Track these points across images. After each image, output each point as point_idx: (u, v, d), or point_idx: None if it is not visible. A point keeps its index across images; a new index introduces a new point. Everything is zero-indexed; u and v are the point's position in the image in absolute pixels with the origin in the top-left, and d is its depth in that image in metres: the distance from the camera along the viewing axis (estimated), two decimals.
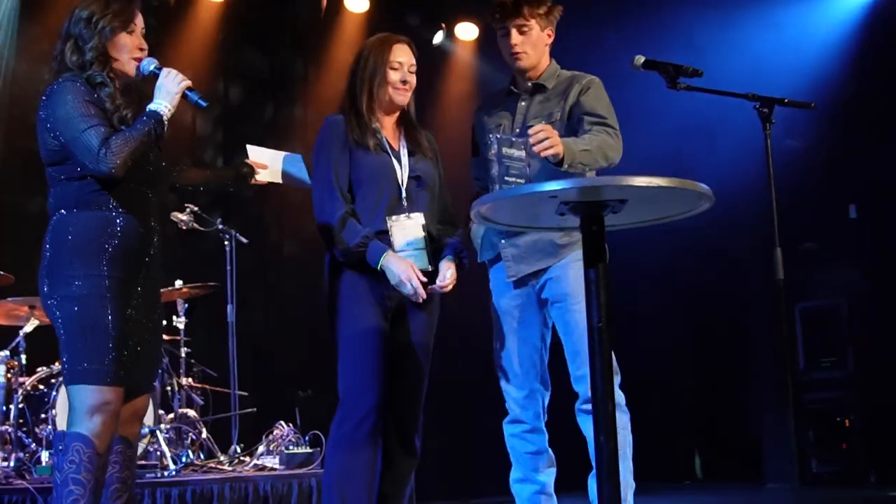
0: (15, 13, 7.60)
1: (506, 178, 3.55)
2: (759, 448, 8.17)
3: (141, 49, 3.71)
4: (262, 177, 4.17)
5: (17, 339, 6.08)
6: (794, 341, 7.75)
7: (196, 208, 6.60)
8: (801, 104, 3.82)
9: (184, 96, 3.69)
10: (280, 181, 4.25)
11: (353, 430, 3.87)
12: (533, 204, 3.06)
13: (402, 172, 4.05)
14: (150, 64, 3.72)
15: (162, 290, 6.43)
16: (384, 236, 3.96)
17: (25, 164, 7.72)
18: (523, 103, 4.22)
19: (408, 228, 3.98)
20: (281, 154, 4.28)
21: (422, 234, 4.00)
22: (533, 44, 4.17)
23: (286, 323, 8.56)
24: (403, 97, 4.13)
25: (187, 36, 8.43)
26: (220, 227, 6.73)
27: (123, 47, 3.65)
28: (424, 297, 3.88)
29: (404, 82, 4.11)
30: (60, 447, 3.38)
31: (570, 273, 4.05)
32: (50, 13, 7.73)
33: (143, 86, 3.78)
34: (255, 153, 4.22)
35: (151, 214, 3.66)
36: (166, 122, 3.60)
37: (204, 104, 3.74)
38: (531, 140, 3.66)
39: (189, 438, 6.40)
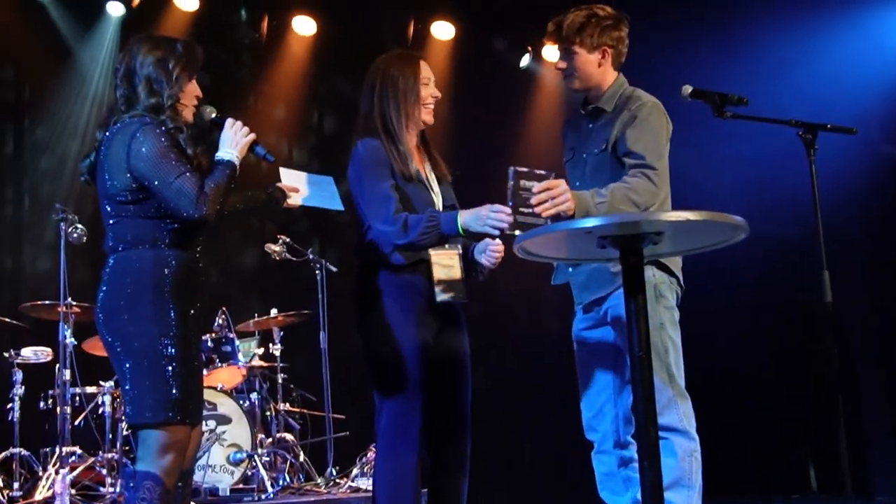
0: (115, 53, 7.94)
1: (521, 209, 3.58)
2: (868, 462, 8.05)
3: (198, 97, 3.74)
4: (294, 200, 4.18)
5: None
6: None
7: (288, 239, 6.83)
8: (844, 129, 3.84)
9: (250, 149, 3.75)
10: (313, 204, 4.28)
11: (399, 442, 3.89)
12: (572, 238, 3.17)
13: (438, 203, 4.05)
14: (211, 112, 3.78)
15: (258, 319, 6.84)
16: (423, 266, 3.96)
17: None
18: (589, 126, 4.15)
19: (446, 262, 4.01)
20: (312, 176, 4.33)
21: (459, 266, 4.03)
22: (578, 66, 4.06)
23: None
24: (430, 115, 4.07)
25: (281, 69, 8.72)
26: (311, 256, 6.94)
27: (187, 94, 3.68)
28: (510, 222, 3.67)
29: (433, 98, 4.07)
30: (132, 484, 3.46)
31: (615, 298, 4.08)
32: None
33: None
34: (288, 176, 4.24)
35: (198, 251, 3.71)
36: (237, 172, 3.66)
37: (272, 159, 3.79)
38: (533, 201, 3.61)
39: (287, 462, 6.62)
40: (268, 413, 6.80)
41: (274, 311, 6.92)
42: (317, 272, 6.94)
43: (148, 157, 3.48)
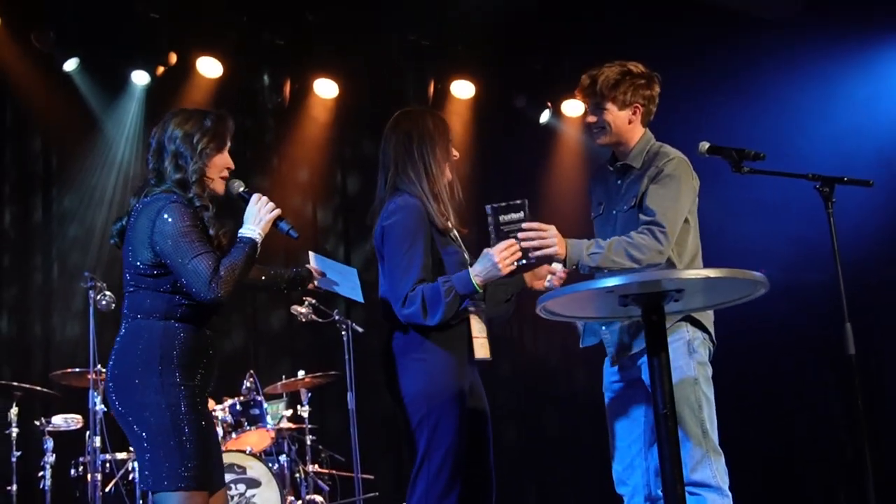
0: (141, 120, 8.08)
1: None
2: None
3: (228, 168, 3.81)
4: (320, 283, 4.29)
5: None
6: None
7: (314, 301, 6.86)
8: (860, 182, 3.88)
9: (275, 225, 3.77)
10: (336, 291, 4.38)
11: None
12: (595, 298, 3.21)
13: (469, 260, 4.01)
14: (239, 186, 3.84)
15: (286, 381, 6.87)
16: (464, 325, 3.92)
17: None
18: (618, 182, 4.17)
19: (480, 319, 3.97)
20: (339, 265, 4.43)
21: (485, 324, 4.01)
22: (609, 121, 4.11)
23: None
24: (452, 171, 4.07)
25: (304, 132, 8.83)
26: (337, 317, 6.97)
27: (216, 167, 3.75)
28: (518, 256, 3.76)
29: (455, 156, 4.08)
30: None
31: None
32: None
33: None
34: (317, 261, 4.35)
35: (211, 326, 3.74)
36: (258, 249, 3.68)
37: (295, 235, 3.81)
38: (521, 236, 3.70)
39: None
40: (297, 475, 6.80)
41: (301, 373, 6.94)
42: (343, 333, 6.96)
43: (170, 235, 3.54)
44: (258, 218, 3.73)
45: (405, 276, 3.79)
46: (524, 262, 3.77)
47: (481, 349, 3.92)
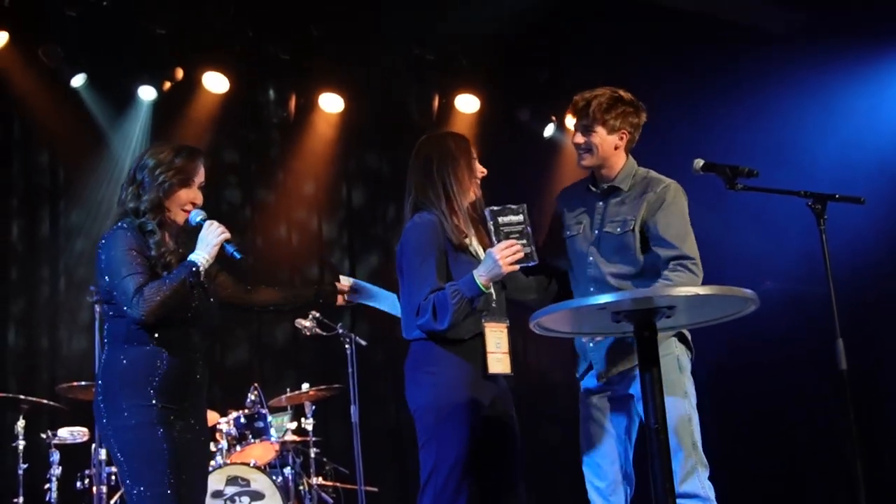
0: (147, 135, 8.14)
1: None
2: None
3: (194, 203, 3.91)
4: (352, 298, 4.34)
5: None
6: None
7: (318, 314, 6.91)
8: (852, 199, 3.93)
9: (222, 248, 3.85)
10: (376, 305, 4.38)
11: None
12: (587, 314, 3.26)
13: None
14: (197, 216, 3.90)
15: (290, 394, 6.92)
16: (480, 339, 4.01)
17: None
18: (601, 203, 4.24)
19: (497, 334, 4.05)
20: (377, 289, 4.40)
21: (507, 339, 4.08)
22: (596, 144, 4.18)
23: None
24: (479, 189, 4.19)
25: (309, 146, 8.89)
26: (341, 331, 7.02)
27: (178, 200, 3.86)
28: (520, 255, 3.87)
29: (481, 173, 4.19)
30: None
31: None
32: (180, 134, 8.29)
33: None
34: (348, 280, 4.38)
35: (195, 350, 3.86)
36: (202, 272, 3.77)
37: (238, 256, 3.86)
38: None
39: None
40: (301, 487, 6.85)
41: (305, 386, 6.99)
42: (346, 346, 7.01)
43: (109, 259, 3.74)
44: (206, 242, 3.81)
45: (419, 288, 3.94)
46: (528, 263, 3.89)
47: (497, 364, 4.00)
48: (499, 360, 4.02)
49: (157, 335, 3.74)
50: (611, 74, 8.64)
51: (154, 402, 3.68)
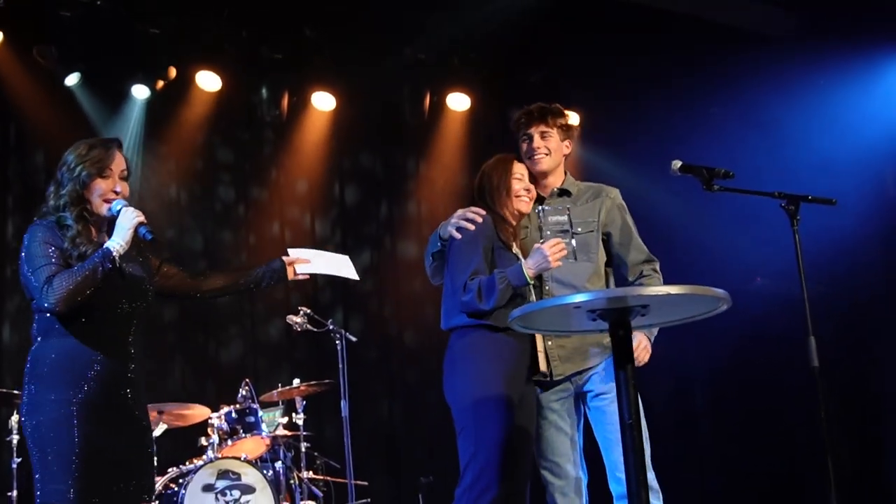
0: (140, 134, 8.22)
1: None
2: None
3: (115, 192, 3.90)
4: (304, 269, 4.38)
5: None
6: None
7: (309, 310, 7.00)
8: (824, 200, 4.03)
9: (137, 231, 3.83)
10: (327, 272, 4.47)
11: None
12: (562, 312, 3.35)
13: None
14: (117, 205, 3.89)
15: (282, 389, 7.00)
16: (528, 338, 4.26)
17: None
18: (548, 206, 4.50)
19: (541, 335, 4.30)
20: (329, 254, 4.54)
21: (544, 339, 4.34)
22: (553, 149, 4.53)
23: (409, 411, 8.90)
24: (526, 206, 4.47)
25: (302, 144, 8.98)
26: (331, 327, 7.11)
27: (97, 191, 3.86)
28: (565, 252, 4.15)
29: (527, 190, 4.48)
30: None
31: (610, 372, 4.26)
32: (174, 132, 8.40)
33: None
34: (296, 252, 4.44)
35: (121, 342, 3.85)
36: (117, 258, 3.75)
37: (150, 237, 3.86)
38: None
39: None
40: (292, 481, 6.93)
41: (297, 381, 7.07)
42: (337, 342, 7.10)
43: (26, 253, 3.79)
44: (120, 228, 3.82)
45: (465, 269, 4.25)
46: (569, 259, 4.20)
47: (543, 363, 4.30)
48: (544, 360, 4.32)
49: (78, 328, 3.76)
50: (601, 75, 8.82)
51: (70, 396, 3.69)
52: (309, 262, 4.44)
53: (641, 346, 4.34)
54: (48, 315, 3.76)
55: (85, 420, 3.67)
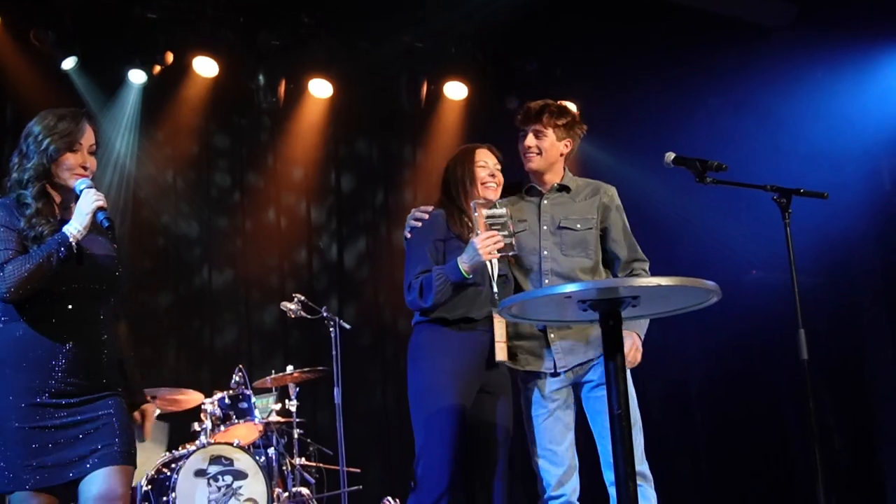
0: (137, 119, 8.21)
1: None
2: None
3: (84, 167, 3.75)
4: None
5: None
6: None
7: (303, 297, 7.02)
8: (816, 194, 4.04)
9: (95, 216, 3.68)
10: None
11: None
12: (553, 303, 3.36)
13: (494, 271, 4.43)
14: (82, 184, 3.73)
15: (275, 375, 7.02)
16: (476, 323, 4.37)
17: (154, 262, 8.37)
18: (546, 201, 4.56)
19: (501, 325, 4.37)
20: None
21: (507, 332, 4.39)
22: (545, 148, 4.53)
23: (403, 399, 8.88)
24: (493, 192, 4.51)
25: (299, 131, 8.97)
26: (325, 314, 7.12)
27: (65, 165, 3.71)
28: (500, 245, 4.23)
29: (492, 176, 4.53)
30: None
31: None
32: (171, 118, 8.39)
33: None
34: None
35: (90, 326, 3.70)
36: (73, 243, 3.61)
37: (106, 224, 3.69)
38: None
39: None
40: (284, 468, 6.94)
41: (290, 368, 7.08)
42: (331, 329, 7.11)
43: None
44: (80, 212, 3.67)
45: (412, 269, 4.42)
46: (508, 253, 4.26)
47: (501, 353, 4.34)
48: (503, 349, 4.35)
49: (35, 312, 3.63)
50: (598, 65, 8.82)
51: (9, 381, 3.59)
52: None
53: (634, 348, 4.38)
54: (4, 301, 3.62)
55: (17, 406, 3.57)
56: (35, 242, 3.62)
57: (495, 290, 4.35)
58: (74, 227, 3.63)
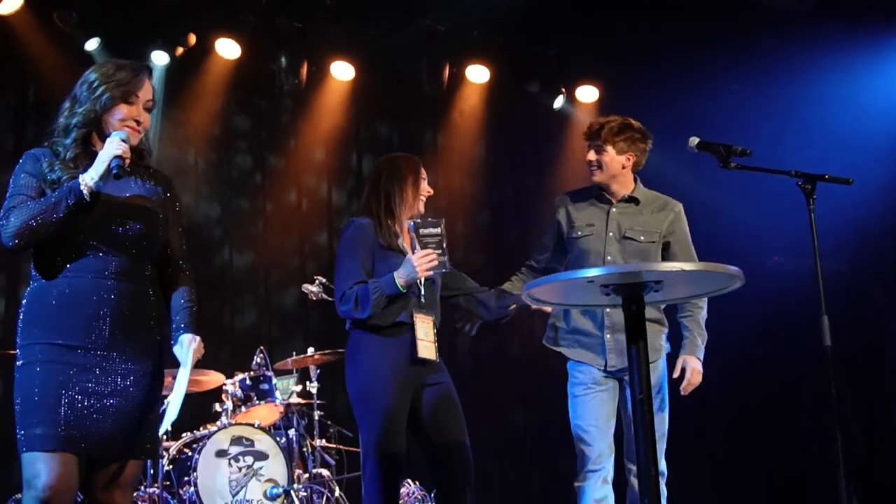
0: (160, 100, 8.21)
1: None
2: None
3: (137, 121, 3.56)
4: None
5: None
6: None
7: (324, 280, 7.03)
8: (841, 180, 4.03)
9: (109, 167, 3.42)
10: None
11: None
12: (575, 287, 3.36)
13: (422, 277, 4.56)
14: (115, 135, 3.49)
15: (296, 357, 7.04)
16: (406, 327, 4.52)
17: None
18: (614, 210, 4.78)
19: (426, 325, 4.56)
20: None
21: (434, 331, 4.60)
22: (606, 163, 4.75)
23: None
24: (422, 206, 4.69)
25: (320, 114, 8.97)
26: None
27: (118, 114, 3.53)
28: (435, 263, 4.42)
29: (427, 192, 4.72)
30: None
31: (660, 364, 4.73)
32: (193, 99, 8.41)
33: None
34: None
35: (108, 277, 3.49)
36: (84, 191, 3.38)
37: (114, 171, 3.40)
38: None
39: (323, 497, 6.78)
40: (304, 449, 6.97)
41: (311, 350, 7.10)
42: None
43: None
44: (99, 159, 3.44)
45: (345, 280, 4.54)
46: (441, 270, 4.47)
47: (424, 350, 4.52)
48: (426, 347, 4.54)
49: (45, 268, 3.47)
50: (620, 50, 8.78)
51: (39, 338, 3.42)
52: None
53: (696, 372, 4.66)
54: (32, 255, 3.48)
55: (50, 361, 3.40)
56: (51, 187, 3.45)
57: (422, 292, 4.54)
58: (89, 176, 3.40)
